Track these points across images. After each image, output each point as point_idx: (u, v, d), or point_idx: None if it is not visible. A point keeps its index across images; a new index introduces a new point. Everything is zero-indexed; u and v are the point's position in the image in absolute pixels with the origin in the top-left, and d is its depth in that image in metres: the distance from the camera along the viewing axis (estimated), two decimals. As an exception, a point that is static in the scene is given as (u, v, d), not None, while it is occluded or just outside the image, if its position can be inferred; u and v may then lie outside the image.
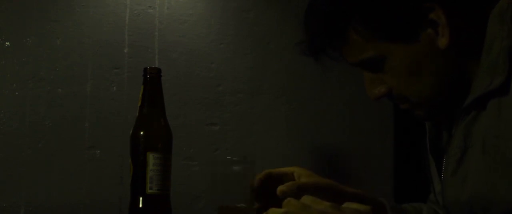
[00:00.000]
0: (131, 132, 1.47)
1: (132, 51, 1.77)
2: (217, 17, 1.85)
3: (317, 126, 1.91)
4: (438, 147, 1.23)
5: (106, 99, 1.74)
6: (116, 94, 1.75)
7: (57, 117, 1.70)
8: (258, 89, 1.87)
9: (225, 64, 1.84)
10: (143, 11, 1.79)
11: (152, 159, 1.43)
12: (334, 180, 1.28)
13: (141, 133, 1.45)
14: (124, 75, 1.76)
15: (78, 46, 1.73)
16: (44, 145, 1.69)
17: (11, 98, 1.68)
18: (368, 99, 1.95)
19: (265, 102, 1.87)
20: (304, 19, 1.19)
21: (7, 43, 1.69)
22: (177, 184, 1.53)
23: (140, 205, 1.43)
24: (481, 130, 1.08)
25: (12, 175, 1.66)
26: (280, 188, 1.19)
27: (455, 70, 1.11)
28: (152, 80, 1.47)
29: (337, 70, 1.94)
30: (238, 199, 1.49)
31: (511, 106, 1.04)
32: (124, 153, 1.57)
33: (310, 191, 1.17)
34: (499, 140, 1.04)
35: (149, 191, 1.42)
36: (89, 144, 1.72)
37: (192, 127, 1.80)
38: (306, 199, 1.02)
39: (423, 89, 1.13)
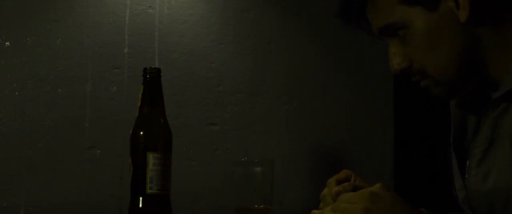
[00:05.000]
0: (131, 132, 1.48)
1: (132, 51, 1.77)
2: (217, 17, 1.85)
3: (317, 126, 1.91)
4: (461, 144, 1.24)
5: (106, 99, 1.74)
6: (116, 94, 1.75)
7: (57, 117, 1.70)
8: (258, 89, 1.87)
9: (225, 64, 1.84)
10: (143, 11, 1.79)
11: (152, 159, 1.43)
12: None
13: (141, 133, 1.45)
14: (124, 75, 1.76)
15: (78, 46, 1.73)
16: (44, 145, 1.69)
17: (11, 98, 1.68)
18: (368, 99, 1.96)
19: (265, 102, 1.87)
20: None
21: (7, 43, 1.69)
22: (177, 184, 1.53)
23: (140, 205, 1.43)
24: (510, 123, 1.09)
25: (12, 175, 1.66)
26: (336, 189, 1.23)
27: (474, 47, 1.13)
28: (152, 80, 1.47)
29: (337, 69, 1.94)
30: (256, 199, 1.52)
31: None
32: (124, 153, 1.57)
33: None
34: None
35: (149, 191, 1.43)
36: (89, 144, 1.72)
37: (192, 127, 1.80)
38: None
39: (440, 62, 1.14)
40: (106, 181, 1.71)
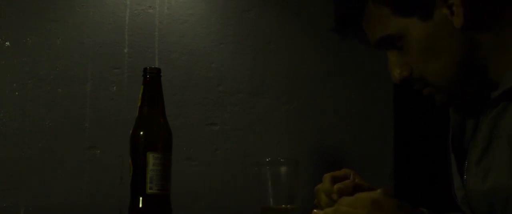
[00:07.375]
0: (131, 132, 1.48)
1: (132, 51, 1.77)
2: (217, 17, 1.85)
3: (317, 126, 1.91)
4: (460, 145, 1.24)
5: (106, 99, 1.74)
6: (116, 94, 1.75)
7: (57, 117, 1.70)
8: (258, 89, 1.87)
9: (225, 64, 1.84)
10: (143, 11, 1.79)
11: (152, 159, 1.43)
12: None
13: (141, 133, 1.45)
14: (124, 75, 1.76)
15: (78, 46, 1.73)
16: (44, 145, 1.69)
17: (11, 98, 1.68)
18: (368, 99, 1.96)
19: (265, 102, 1.87)
20: None
21: (7, 43, 1.69)
22: (177, 184, 1.53)
23: (140, 205, 1.43)
24: (509, 122, 1.09)
25: (12, 175, 1.66)
26: (337, 186, 1.25)
27: (472, 50, 1.13)
28: (152, 80, 1.47)
29: (337, 69, 1.94)
30: (281, 199, 1.53)
31: None
32: (124, 153, 1.57)
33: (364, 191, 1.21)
34: None
35: (149, 191, 1.43)
36: (89, 144, 1.72)
37: (192, 127, 1.80)
38: None
39: (440, 69, 1.14)
40: (106, 181, 1.71)
